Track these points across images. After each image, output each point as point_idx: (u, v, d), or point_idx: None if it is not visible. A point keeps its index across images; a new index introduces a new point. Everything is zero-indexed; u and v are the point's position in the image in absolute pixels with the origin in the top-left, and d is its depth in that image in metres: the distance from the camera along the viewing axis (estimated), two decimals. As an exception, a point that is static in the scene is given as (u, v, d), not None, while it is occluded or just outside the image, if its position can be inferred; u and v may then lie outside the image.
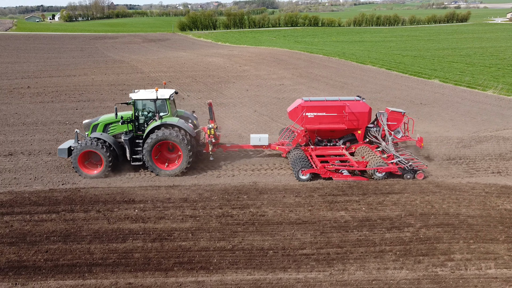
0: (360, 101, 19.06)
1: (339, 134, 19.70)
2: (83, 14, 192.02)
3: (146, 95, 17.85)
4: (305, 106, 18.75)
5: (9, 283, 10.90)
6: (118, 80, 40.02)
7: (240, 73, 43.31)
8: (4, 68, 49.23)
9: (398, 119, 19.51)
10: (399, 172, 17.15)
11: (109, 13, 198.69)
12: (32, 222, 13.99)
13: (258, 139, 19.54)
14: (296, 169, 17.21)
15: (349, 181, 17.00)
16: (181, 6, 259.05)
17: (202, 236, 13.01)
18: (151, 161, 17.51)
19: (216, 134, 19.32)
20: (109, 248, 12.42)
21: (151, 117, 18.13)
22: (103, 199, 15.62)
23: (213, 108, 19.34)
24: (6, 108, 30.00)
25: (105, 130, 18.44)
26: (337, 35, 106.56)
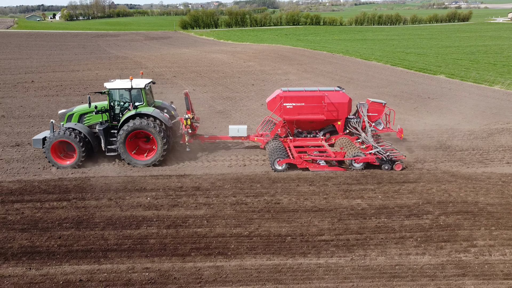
0: (339, 92, 18.64)
1: (318, 125, 19.27)
2: (84, 13, 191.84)
3: (121, 85, 17.48)
4: (283, 96, 18.27)
5: (23, 267, 10.64)
6: (122, 75, 39.50)
7: (244, 69, 43.06)
8: (7, 64, 49.00)
9: (379, 110, 19.06)
10: (377, 163, 16.81)
11: (110, 12, 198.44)
12: (43, 210, 13.75)
13: (236, 130, 19.20)
14: (272, 159, 16.84)
15: (363, 171, 16.76)
16: (182, 6, 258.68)
17: (217, 223, 12.75)
18: (125, 151, 17.13)
19: (193, 125, 18.94)
20: (123, 234, 12.17)
21: (126, 107, 17.70)
22: (114, 188, 15.37)
23: (190, 98, 18.90)
24: (11, 101, 29.77)
25: (80, 120, 18.00)
26: (339, 33, 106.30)
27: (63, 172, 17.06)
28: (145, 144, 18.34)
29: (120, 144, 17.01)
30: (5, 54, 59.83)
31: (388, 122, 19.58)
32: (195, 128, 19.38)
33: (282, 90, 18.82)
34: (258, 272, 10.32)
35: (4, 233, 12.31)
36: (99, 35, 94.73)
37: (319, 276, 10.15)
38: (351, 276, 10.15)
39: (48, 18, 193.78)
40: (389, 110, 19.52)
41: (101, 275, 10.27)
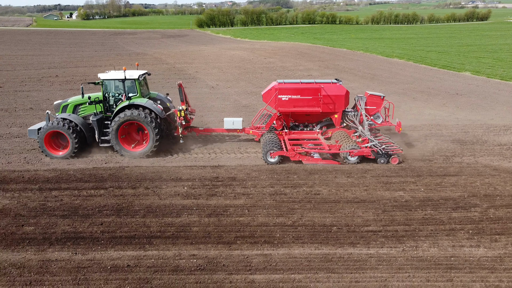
0: (336, 84, 18.08)
1: (315, 118, 18.79)
2: (100, 13, 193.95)
3: (115, 75, 17.35)
4: (278, 88, 17.80)
5: (68, 252, 10.54)
6: (144, 70, 39.80)
7: (266, 65, 42.82)
8: (29, 60, 49.61)
9: (377, 103, 18.41)
10: (372, 156, 16.40)
11: (125, 12, 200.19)
12: (82, 197, 13.68)
13: (231, 123, 18.80)
14: (265, 151, 16.55)
15: (401, 164, 16.37)
16: (196, 5, 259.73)
17: (258, 213, 12.51)
18: (117, 141, 16.97)
19: (188, 117, 18.75)
20: (165, 222, 12.01)
21: (120, 98, 17.54)
22: (149, 177, 15.26)
23: (184, 90, 18.61)
24: (38, 95, 30.02)
25: (75, 111, 17.90)
26: (356, 32, 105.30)
27: (97, 161, 17.04)
28: (138, 135, 18.14)
29: (112, 135, 16.85)
30: (26, 50, 60.63)
31: (388, 116, 18.94)
32: (190, 120, 19.17)
33: (278, 82, 18.36)
34: (308, 261, 10.05)
35: (45, 218, 12.27)
36: (116, 33, 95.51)
37: (372, 266, 9.83)
38: (405, 266, 9.80)
39: (65, 17, 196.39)
40: (388, 103, 18.85)
41: (148, 261, 10.11)
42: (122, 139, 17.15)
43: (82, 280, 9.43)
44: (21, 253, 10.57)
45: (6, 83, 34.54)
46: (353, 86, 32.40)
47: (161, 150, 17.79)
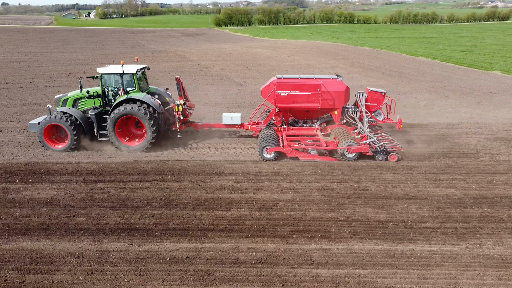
0: (336, 80, 17.68)
1: (314, 114, 18.42)
2: (117, 12, 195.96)
3: (113, 70, 17.37)
4: (277, 83, 17.47)
5: (124, 243, 10.48)
6: (169, 67, 40.00)
7: (290, 63, 42.55)
8: (54, 57, 50.26)
9: (378, 100, 17.95)
10: (370, 153, 16.05)
11: (142, 11, 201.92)
12: (128, 189, 13.65)
13: (230, 118, 18.60)
14: (261, 147, 16.33)
15: (447, 161, 15.97)
16: (211, 5, 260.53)
17: (309, 207, 12.29)
18: (114, 135, 16.97)
19: (186, 112, 18.63)
20: (216, 215, 11.87)
21: (118, 92, 17.54)
22: (192, 171, 15.17)
23: (182, 85, 18.49)
24: (67, 90, 30.12)
25: (75, 105, 17.97)
26: (375, 31, 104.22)
27: (137, 155, 17.03)
28: (136, 129, 18.13)
29: (109, 129, 16.86)
30: (50, 48, 61.49)
31: (389, 113, 18.45)
32: (188, 115, 19.09)
33: (277, 77, 18.01)
34: (370, 256, 9.79)
35: (95, 210, 12.26)
36: (136, 32, 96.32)
37: (437, 263, 9.52)
38: (473, 264, 9.47)
39: (83, 16, 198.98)
40: (390, 100, 18.38)
41: (207, 253, 9.97)
42: (119, 133, 17.18)
43: (143, 270, 9.34)
44: (77, 242, 10.55)
45: (36, 78, 34.98)
46: (382, 84, 31.98)
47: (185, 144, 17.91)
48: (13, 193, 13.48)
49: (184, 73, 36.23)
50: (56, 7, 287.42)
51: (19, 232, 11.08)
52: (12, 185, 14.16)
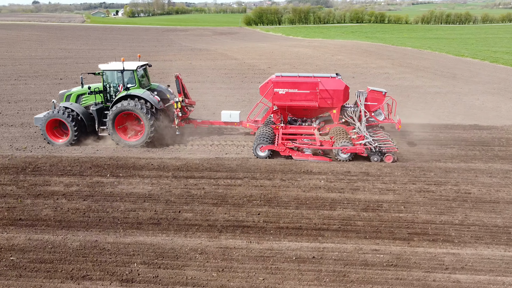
0: (335, 78, 17.25)
1: (313, 113, 18.04)
2: (144, 10, 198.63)
3: (114, 66, 17.53)
4: (274, 81, 17.25)
5: (242, 240, 10.35)
6: (216, 65, 40.07)
7: (335, 62, 42.04)
8: (97, 53, 51.11)
9: (378, 99, 17.46)
10: (365, 154, 15.75)
11: (169, 10, 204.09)
12: (222, 186, 13.57)
13: (229, 115, 18.61)
14: (255, 145, 16.24)
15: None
16: (235, 4, 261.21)
17: (416, 209, 11.92)
18: (113, 131, 17.23)
19: (185, 109, 18.65)
20: (323, 214, 11.64)
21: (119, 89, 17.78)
22: (279, 169, 15.00)
23: (181, 82, 18.46)
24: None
25: (78, 100, 18.27)
26: (408, 32, 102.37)
27: (217, 152, 17.00)
28: (137, 125, 18.22)
29: (109, 124, 17.11)
30: (89, 45, 62.60)
31: (390, 113, 18.02)
32: (187, 112, 19.08)
33: (275, 75, 17.71)
34: (506, 263, 9.37)
35: (198, 206, 12.21)
36: (168, 30, 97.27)
37: None
38: None
39: (111, 15, 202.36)
40: (392, 100, 17.82)
41: (332, 254, 9.75)
42: (119, 128, 17.44)
43: (274, 269, 9.18)
44: (194, 238, 10.49)
45: (87, 75, 35.45)
46: (438, 85, 31.23)
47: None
48: (109, 187, 13.58)
49: (233, 72, 36.23)
50: (84, 5, 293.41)
51: (132, 226, 11.11)
52: (105, 179, 14.29)
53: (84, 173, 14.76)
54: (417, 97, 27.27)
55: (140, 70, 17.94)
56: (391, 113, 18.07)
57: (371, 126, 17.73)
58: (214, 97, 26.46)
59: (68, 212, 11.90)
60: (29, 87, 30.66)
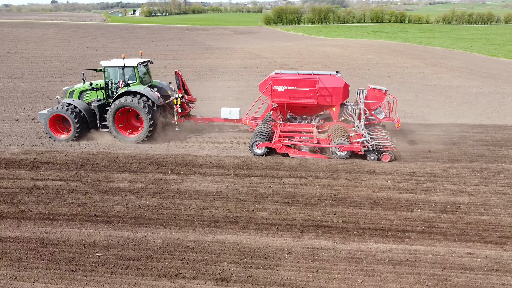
0: (334, 76, 17.10)
1: (312, 110, 17.93)
2: (161, 10, 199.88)
3: (115, 63, 17.67)
4: (273, 79, 17.17)
5: (327, 241, 10.08)
6: (247, 64, 39.89)
7: (367, 61, 41.50)
8: (124, 52, 51.26)
9: (378, 98, 17.19)
10: (362, 152, 15.56)
11: (185, 9, 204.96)
12: (288, 185, 13.32)
13: (228, 112, 18.60)
14: (251, 142, 16.21)
15: None
16: (250, 4, 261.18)
17: (497, 212, 11.51)
18: (113, 126, 17.45)
19: (185, 105, 18.73)
20: (402, 216, 11.31)
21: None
22: (341, 168, 14.69)
23: (181, 78, 18.55)
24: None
25: (80, 97, 18.52)
26: (430, 31, 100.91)
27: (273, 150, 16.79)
28: (137, 121, 18.47)
29: (109, 120, 17.30)
30: (114, 43, 63.02)
31: (390, 112, 17.70)
32: (187, 108, 19.11)
33: (275, 72, 17.59)
34: None
35: (270, 204, 11.99)
36: (189, 29, 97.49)
37: None
38: None
39: (129, 14, 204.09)
40: (393, 98, 17.50)
41: (425, 256, 9.44)
42: (119, 123, 17.66)
43: (370, 271, 8.91)
44: (277, 237, 10.28)
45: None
46: (478, 85, 30.54)
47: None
48: (174, 184, 13.46)
49: (266, 70, 35.95)
50: (101, 5, 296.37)
51: (209, 224, 10.95)
52: (167, 176, 14.18)
53: (145, 170, 14.68)
54: (460, 97, 26.67)
55: (141, 66, 18.14)
56: (391, 111, 17.84)
57: (372, 124, 17.54)
58: (252, 95, 26.23)
59: (140, 209, 11.79)
60: (66, 84, 30.85)
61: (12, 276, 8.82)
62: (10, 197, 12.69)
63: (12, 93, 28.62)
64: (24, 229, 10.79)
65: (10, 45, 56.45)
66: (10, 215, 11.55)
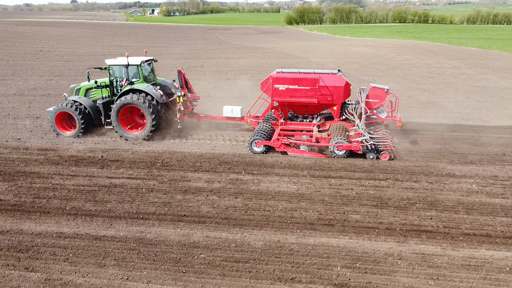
0: (335, 75, 16.95)
1: (313, 109, 17.81)
2: (180, 10, 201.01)
3: (119, 61, 17.94)
4: (274, 77, 17.10)
5: (434, 246, 9.71)
6: (283, 63, 39.57)
7: (404, 62, 40.80)
8: (156, 51, 51.53)
9: (380, 97, 17.01)
10: (360, 151, 15.50)
11: (203, 9, 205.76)
12: (370, 187, 12.98)
13: (230, 111, 18.74)
14: (251, 140, 16.28)
15: None
16: (267, 4, 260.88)
17: None
18: (117, 124, 17.71)
19: (187, 103, 18.89)
20: (504, 222, 10.85)
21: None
22: (418, 171, 14.26)
23: (184, 76, 18.63)
24: (202, 83, 30.41)
25: (86, 95, 18.81)
26: (456, 32, 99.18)
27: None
28: (141, 119, 18.84)
29: (113, 117, 17.53)
30: (141, 42, 63.33)
31: (392, 111, 17.58)
32: (189, 106, 19.19)
33: (276, 71, 17.49)
34: None
35: (358, 207, 11.65)
36: (212, 29, 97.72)
37: None
38: None
39: (147, 13, 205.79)
40: (395, 98, 17.34)
41: (547, 265, 9.00)
42: (123, 121, 17.87)
43: (494, 280, 8.48)
44: (380, 242, 9.93)
45: (163, 71, 35.70)
46: (528, 87, 29.68)
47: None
48: (252, 184, 13.23)
49: (304, 70, 35.59)
50: (120, 4, 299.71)
51: (305, 227, 10.66)
52: (241, 176, 13.96)
53: (217, 170, 14.49)
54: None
55: (145, 65, 18.38)
56: (393, 110, 17.70)
57: (374, 123, 17.48)
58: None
59: (228, 210, 11.58)
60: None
61: (124, 276, 8.67)
62: (91, 195, 12.63)
63: (56, 90, 28.86)
64: (118, 228, 10.67)
65: (41, 43, 57.23)
66: (98, 213, 11.47)
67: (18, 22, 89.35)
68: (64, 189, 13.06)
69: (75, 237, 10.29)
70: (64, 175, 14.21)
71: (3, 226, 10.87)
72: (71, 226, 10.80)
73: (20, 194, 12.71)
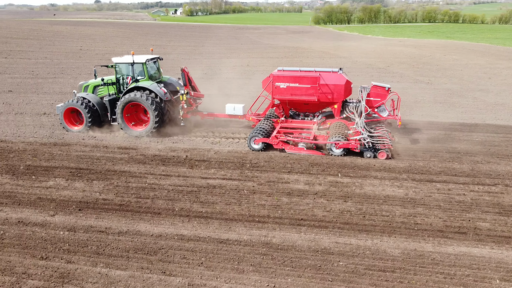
0: (336, 73, 16.97)
1: (314, 107, 17.94)
2: (202, 9, 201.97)
3: (125, 59, 18.15)
4: (275, 76, 17.32)
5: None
6: (329, 63, 38.95)
7: (453, 62, 39.69)
8: (191, 50, 51.60)
9: (381, 95, 16.91)
10: (358, 150, 15.36)
11: (226, 9, 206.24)
12: (483, 193, 12.32)
13: (232, 108, 18.78)
14: (249, 137, 16.33)
15: None
16: (287, 4, 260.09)
17: None
18: (122, 121, 17.97)
19: (190, 101, 19.08)
20: None
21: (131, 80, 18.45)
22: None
23: (187, 74, 18.83)
24: (249, 82, 29.97)
25: (94, 91, 19.16)
26: (490, 32, 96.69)
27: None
28: (145, 115, 18.89)
29: (118, 114, 17.79)
30: (175, 41, 63.60)
31: (394, 109, 17.43)
32: (193, 104, 19.42)
33: (278, 69, 17.62)
34: None
35: (481, 214, 11.02)
36: (240, 28, 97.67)
37: None
38: None
39: (170, 13, 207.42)
40: (397, 96, 17.11)
41: None
42: (127, 118, 18.09)
43: None
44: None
45: (203, 70, 35.53)
46: None
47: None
48: (355, 188, 12.70)
49: (355, 70, 34.91)
50: (142, 4, 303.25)
51: (434, 234, 10.08)
52: (339, 178, 13.46)
53: (311, 172, 14.04)
54: None
55: (150, 63, 18.50)
56: (395, 109, 17.53)
57: (375, 122, 17.42)
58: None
59: (344, 214, 11.10)
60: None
61: (270, 284, 8.27)
62: (193, 195, 12.32)
63: (110, 89, 28.85)
64: (238, 232, 10.29)
65: (79, 42, 57.94)
66: (211, 215, 11.12)
67: (51, 22, 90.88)
68: (163, 189, 12.79)
69: (198, 240, 9.95)
70: (156, 174, 13.97)
71: (119, 226, 10.63)
72: (189, 228, 10.48)
73: (121, 194, 12.49)
